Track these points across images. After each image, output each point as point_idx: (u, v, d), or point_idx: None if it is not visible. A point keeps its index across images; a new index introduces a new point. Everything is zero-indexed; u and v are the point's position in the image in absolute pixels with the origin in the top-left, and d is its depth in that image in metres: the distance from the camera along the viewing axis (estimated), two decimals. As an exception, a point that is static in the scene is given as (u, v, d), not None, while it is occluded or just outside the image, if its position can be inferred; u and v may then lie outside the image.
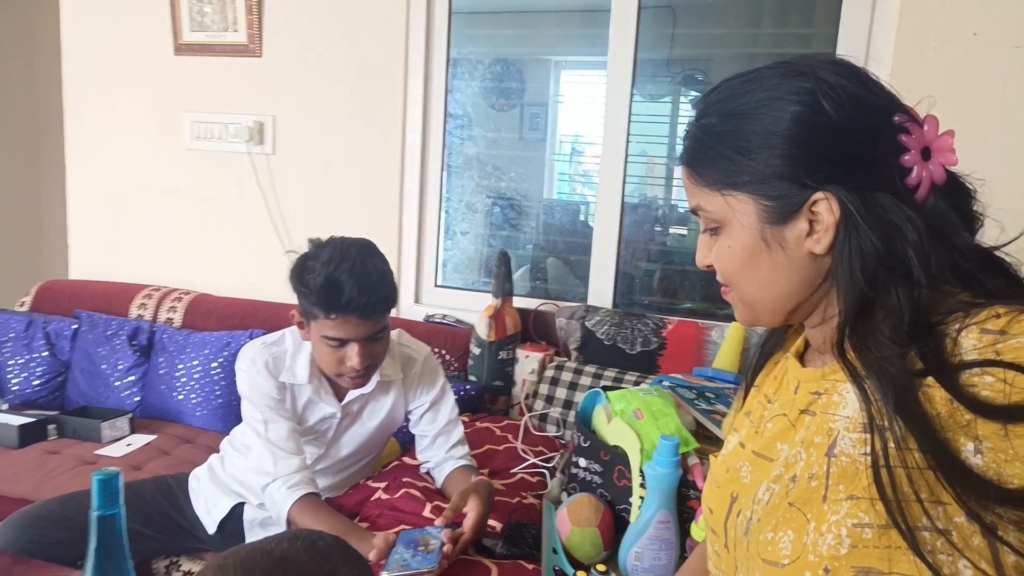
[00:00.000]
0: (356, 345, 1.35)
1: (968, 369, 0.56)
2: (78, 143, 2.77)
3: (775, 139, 0.64)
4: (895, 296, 0.61)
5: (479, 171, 2.60)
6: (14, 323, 2.38)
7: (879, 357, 0.60)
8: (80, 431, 2.11)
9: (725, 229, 0.70)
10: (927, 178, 0.63)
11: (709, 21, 2.36)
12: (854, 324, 0.63)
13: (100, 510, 0.71)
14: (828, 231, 0.64)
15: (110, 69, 2.67)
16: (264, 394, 1.43)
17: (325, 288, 1.30)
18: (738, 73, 0.70)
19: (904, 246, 0.61)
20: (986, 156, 1.81)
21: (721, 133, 0.68)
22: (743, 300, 0.73)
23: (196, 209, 2.64)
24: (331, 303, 1.31)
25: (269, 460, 1.39)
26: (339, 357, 1.36)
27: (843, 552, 0.58)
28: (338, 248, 1.35)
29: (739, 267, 0.70)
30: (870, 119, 0.64)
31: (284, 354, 1.47)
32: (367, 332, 1.35)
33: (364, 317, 1.33)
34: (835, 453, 0.62)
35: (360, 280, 1.30)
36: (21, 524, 1.52)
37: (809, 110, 0.63)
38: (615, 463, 1.37)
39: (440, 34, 2.36)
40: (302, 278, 1.34)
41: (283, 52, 2.46)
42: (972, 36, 1.80)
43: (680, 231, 2.51)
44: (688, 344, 2.00)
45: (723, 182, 0.68)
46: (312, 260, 1.34)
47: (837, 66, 0.66)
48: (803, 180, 0.64)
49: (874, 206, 0.62)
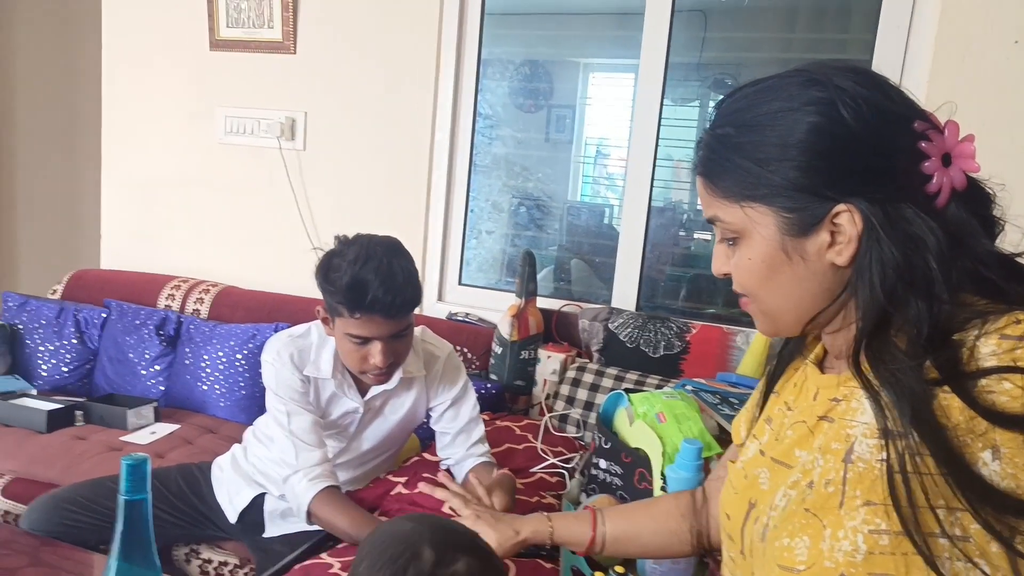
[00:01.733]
0: (379, 343, 1.35)
1: (986, 376, 0.55)
2: (114, 135, 2.82)
3: (794, 151, 0.64)
4: (914, 308, 0.60)
5: (506, 171, 2.61)
6: (46, 310, 2.43)
7: (894, 369, 0.59)
8: (106, 418, 2.14)
9: (744, 240, 0.69)
10: (947, 185, 0.62)
11: (742, 25, 2.34)
12: (870, 337, 0.62)
13: (128, 494, 0.71)
14: (850, 243, 0.63)
15: (147, 62, 2.72)
16: (288, 386, 1.44)
17: (351, 287, 1.30)
18: (754, 80, 0.69)
19: (926, 258, 0.60)
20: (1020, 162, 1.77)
21: (738, 144, 0.67)
22: (763, 311, 0.72)
23: (226, 202, 2.68)
24: (356, 302, 1.31)
25: (291, 452, 1.40)
26: (363, 355, 1.37)
27: (859, 558, 0.57)
28: (364, 246, 1.35)
29: (759, 279, 0.69)
30: (890, 128, 0.63)
31: (309, 347, 1.48)
32: (391, 331, 1.35)
33: (388, 317, 1.33)
34: (852, 459, 0.62)
35: (386, 280, 1.30)
36: (48, 507, 1.56)
37: (828, 120, 0.62)
38: (636, 465, 1.36)
39: (472, 34, 2.37)
40: (328, 276, 1.34)
41: (317, 50, 2.49)
42: (1013, 44, 1.77)
43: (705, 236, 2.49)
44: (712, 349, 1.99)
45: (742, 194, 0.67)
46: (338, 258, 1.34)
47: (856, 74, 0.64)
48: (824, 192, 0.63)
49: (897, 218, 0.61)
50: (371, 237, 1.39)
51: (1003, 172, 0.65)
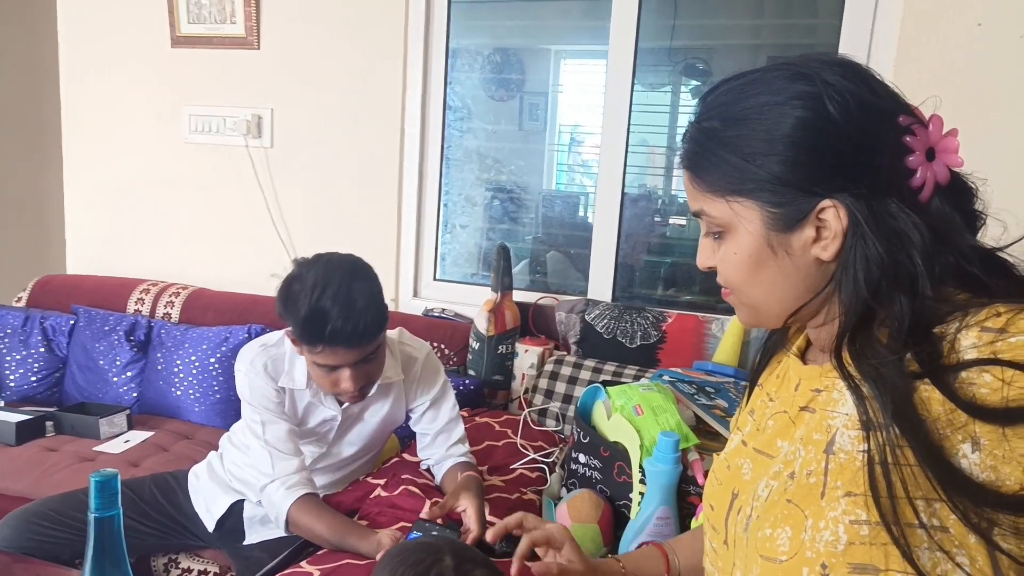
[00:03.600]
0: (347, 370, 1.33)
1: (967, 369, 0.56)
2: (75, 136, 2.75)
3: (779, 145, 0.63)
4: (898, 304, 0.60)
5: (479, 164, 2.58)
6: (11, 319, 2.37)
7: (876, 364, 0.60)
8: (78, 428, 2.10)
9: (730, 235, 0.68)
10: (931, 179, 0.62)
11: (711, 12, 2.34)
12: (853, 331, 0.63)
13: (98, 512, 0.70)
14: (836, 238, 0.63)
15: (107, 61, 2.65)
16: (263, 395, 1.42)
17: (309, 320, 1.26)
18: (739, 73, 0.68)
19: (911, 253, 0.60)
20: (990, 151, 1.78)
21: (724, 138, 0.66)
22: (745, 304, 0.72)
23: (194, 203, 2.63)
24: (315, 335, 1.27)
25: (267, 461, 1.38)
26: (332, 379, 1.35)
27: (840, 548, 0.58)
28: (322, 271, 1.29)
29: (744, 273, 0.69)
30: (876, 123, 0.62)
31: (283, 357, 1.45)
32: (357, 357, 1.32)
33: (351, 346, 1.29)
34: (833, 450, 0.62)
35: (345, 308, 1.25)
36: (20, 522, 1.52)
37: (814, 115, 0.62)
38: (615, 459, 1.36)
39: (439, 24, 2.34)
40: (287, 306, 1.30)
41: (281, 44, 2.44)
42: (977, 26, 1.78)
43: (680, 221, 2.49)
44: (688, 338, 1.99)
45: (727, 188, 0.67)
46: (298, 283, 1.30)
47: (842, 67, 0.64)
48: (809, 187, 0.63)
49: (882, 213, 0.61)
50: (331, 258, 1.34)
51: (971, 156, 0.65)
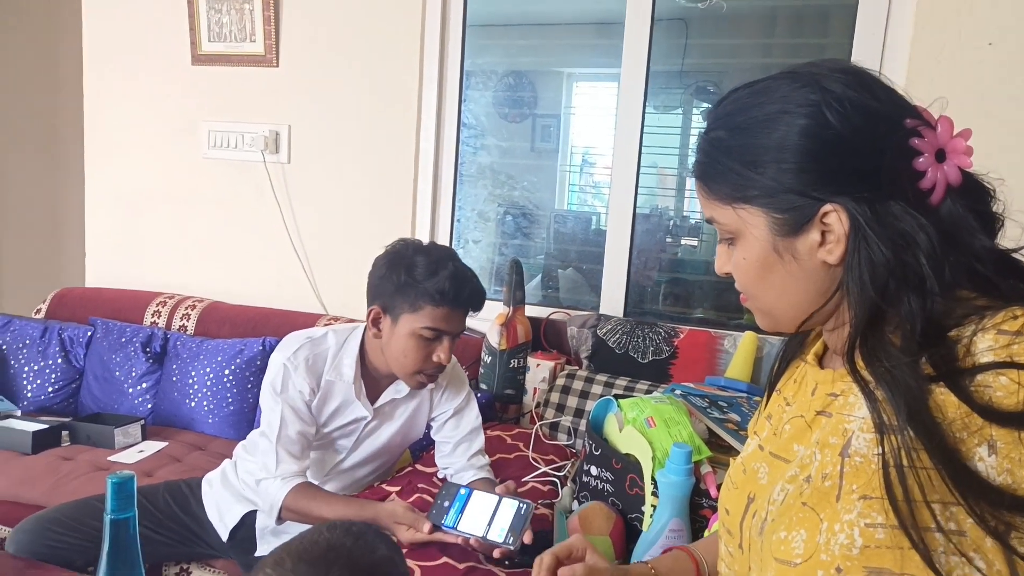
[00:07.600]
0: (447, 340, 1.40)
1: (982, 372, 0.56)
2: (97, 151, 2.80)
3: (783, 153, 0.64)
4: (907, 305, 0.60)
5: (492, 180, 2.61)
6: (30, 330, 2.41)
7: (890, 366, 0.59)
8: (93, 437, 2.12)
9: (739, 241, 0.70)
10: (942, 180, 0.62)
11: (722, 32, 2.36)
12: (864, 334, 0.63)
13: (114, 513, 0.71)
14: (840, 242, 0.64)
15: (129, 78, 2.71)
16: (294, 391, 1.42)
17: (449, 279, 1.35)
18: (746, 83, 0.70)
19: (917, 255, 0.60)
20: (1001, 164, 1.79)
21: (730, 147, 0.68)
22: (760, 309, 0.73)
23: (211, 217, 2.66)
24: (448, 295, 1.35)
25: (272, 460, 1.40)
26: (428, 352, 1.39)
27: (855, 552, 0.58)
28: (434, 250, 1.41)
29: (754, 278, 0.70)
30: (878, 128, 0.63)
31: (327, 352, 1.47)
32: (462, 327, 1.42)
33: (474, 309, 1.42)
34: (849, 453, 0.62)
35: (471, 278, 1.41)
36: (35, 529, 1.53)
37: (816, 123, 0.63)
38: (627, 471, 1.36)
39: (454, 45, 2.38)
40: (411, 272, 1.36)
41: (299, 62, 2.49)
42: (988, 46, 1.80)
43: (691, 242, 2.50)
44: (700, 353, 1.99)
45: (734, 195, 0.68)
46: (421, 255, 1.38)
47: (845, 74, 0.65)
48: (812, 192, 0.64)
49: (885, 215, 0.61)
50: (430, 243, 1.46)
51: (984, 168, 0.66)
